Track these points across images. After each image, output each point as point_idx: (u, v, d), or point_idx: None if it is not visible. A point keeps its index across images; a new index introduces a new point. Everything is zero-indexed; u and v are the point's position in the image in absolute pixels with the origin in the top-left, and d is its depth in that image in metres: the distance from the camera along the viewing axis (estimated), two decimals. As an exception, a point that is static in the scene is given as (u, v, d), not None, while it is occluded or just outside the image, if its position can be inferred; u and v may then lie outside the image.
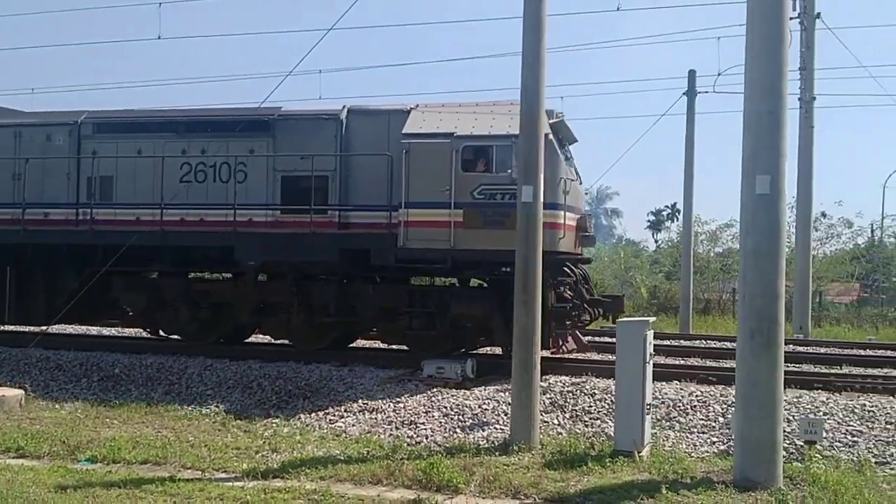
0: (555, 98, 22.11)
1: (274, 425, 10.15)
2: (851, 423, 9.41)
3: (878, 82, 42.84)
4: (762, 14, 7.37)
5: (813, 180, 20.82)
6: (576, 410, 10.27)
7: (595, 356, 14.04)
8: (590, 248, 14.91)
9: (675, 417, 9.66)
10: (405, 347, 13.37)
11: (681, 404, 10.15)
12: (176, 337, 14.40)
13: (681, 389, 10.71)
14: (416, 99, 13.75)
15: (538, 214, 8.95)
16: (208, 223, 13.44)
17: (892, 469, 8.25)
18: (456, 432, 9.63)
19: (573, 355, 13.22)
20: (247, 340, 15.04)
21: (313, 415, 10.56)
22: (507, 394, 10.02)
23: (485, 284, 13.17)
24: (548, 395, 10.51)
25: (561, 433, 9.54)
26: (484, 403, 10.39)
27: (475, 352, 13.34)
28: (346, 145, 13.14)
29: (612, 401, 9.68)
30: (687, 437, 9.21)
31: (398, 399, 10.70)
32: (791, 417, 9.14)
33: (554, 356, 12.65)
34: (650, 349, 8.68)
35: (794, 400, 10.00)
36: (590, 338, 15.33)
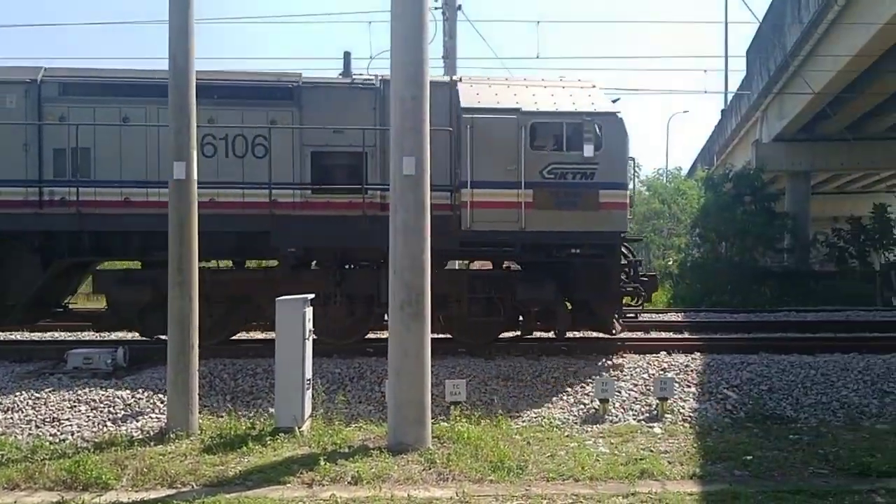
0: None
1: None
2: (490, 382, 10.40)
3: (510, 73, 47.36)
4: (404, 5, 7.76)
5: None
6: (237, 392, 10.16)
7: (259, 335, 13.99)
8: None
9: (335, 391, 9.93)
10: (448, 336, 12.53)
11: (341, 377, 10.49)
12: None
13: (342, 362, 11.06)
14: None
15: (192, 193, 8.61)
16: (225, 204, 11.41)
17: (522, 421, 9.27)
18: (107, 426, 9.00)
19: (236, 336, 13.02)
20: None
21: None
22: (164, 381, 9.59)
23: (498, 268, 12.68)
24: (207, 379, 10.25)
25: (222, 416, 9.37)
26: (138, 393, 9.84)
27: (127, 340, 12.58)
28: (383, 119, 11.47)
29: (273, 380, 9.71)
30: (347, 409, 9.52)
31: (38, 395, 9.73)
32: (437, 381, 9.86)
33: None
34: (310, 326, 8.83)
35: (438, 363, 10.79)
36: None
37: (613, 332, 12.45)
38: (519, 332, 12.85)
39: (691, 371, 10.87)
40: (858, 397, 10.08)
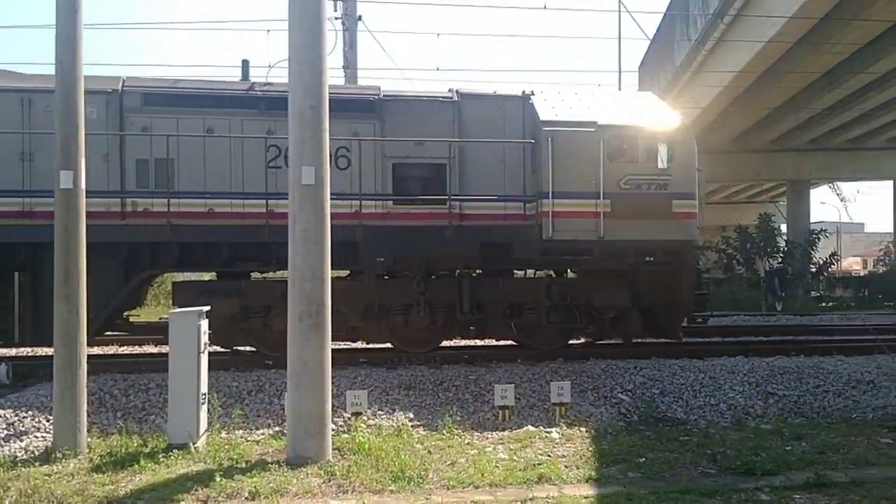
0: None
1: None
2: (392, 392, 10.39)
3: (411, 83, 47.69)
4: (302, 13, 7.70)
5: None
6: (129, 408, 9.80)
7: (152, 349, 13.58)
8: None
9: (232, 404, 9.71)
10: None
11: (238, 391, 10.28)
12: (250, 349, 12.23)
13: (239, 376, 10.83)
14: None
15: (80, 204, 8.28)
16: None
17: (424, 430, 9.29)
18: (-13, 446, 8.55)
19: (125, 350, 12.61)
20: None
21: None
22: (50, 398, 9.17)
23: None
24: (96, 396, 9.86)
25: (113, 434, 9.02)
26: (22, 411, 9.37)
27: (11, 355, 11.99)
28: (461, 131, 12.14)
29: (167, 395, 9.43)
30: (245, 423, 9.33)
31: (-90, 417, 9.16)
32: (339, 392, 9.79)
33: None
34: (205, 339, 8.62)
35: (339, 374, 10.73)
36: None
37: (676, 339, 13.06)
38: (586, 339, 13.47)
39: (587, 376, 11.14)
40: (744, 399, 10.54)
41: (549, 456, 8.13)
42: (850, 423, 9.82)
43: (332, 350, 8.09)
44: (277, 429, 9.14)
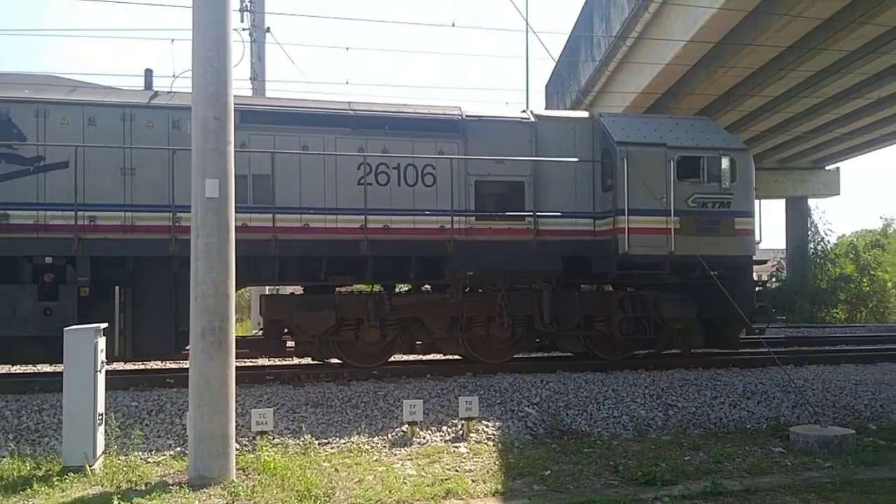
0: None
1: None
2: (299, 410, 10.24)
3: (322, 97, 47.32)
4: (207, 22, 7.56)
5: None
6: (21, 430, 9.34)
7: (47, 367, 12.98)
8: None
9: (132, 425, 9.38)
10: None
11: (137, 411, 9.94)
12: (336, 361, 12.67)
13: (139, 395, 10.49)
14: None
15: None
16: (397, 230, 12.12)
17: (331, 448, 9.18)
18: None
19: (17, 369, 12.04)
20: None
21: None
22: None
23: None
24: (-16, 418, 9.39)
25: (4, 457, 8.58)
26: None
27: None
28: (537, 150, 12.83)
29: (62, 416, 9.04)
30: (145, 444, 9.03)
31: None
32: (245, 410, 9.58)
33: None
34: (102, 357, 8.30)
35: (245, 392, 10.51)
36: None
37: (736, 349, 14.08)
38: (649, 349, 13.99)
39: (495, 391, 11.23)
40: (645, 410, 10.82)
41: (457, 471, 8.16)
42: (745, 433, 10.20)
43: (238, 367, 7.92)
44: (179, 449, 8.87)
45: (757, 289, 14.03)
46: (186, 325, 7.90)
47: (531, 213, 12.65)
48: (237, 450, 8.08)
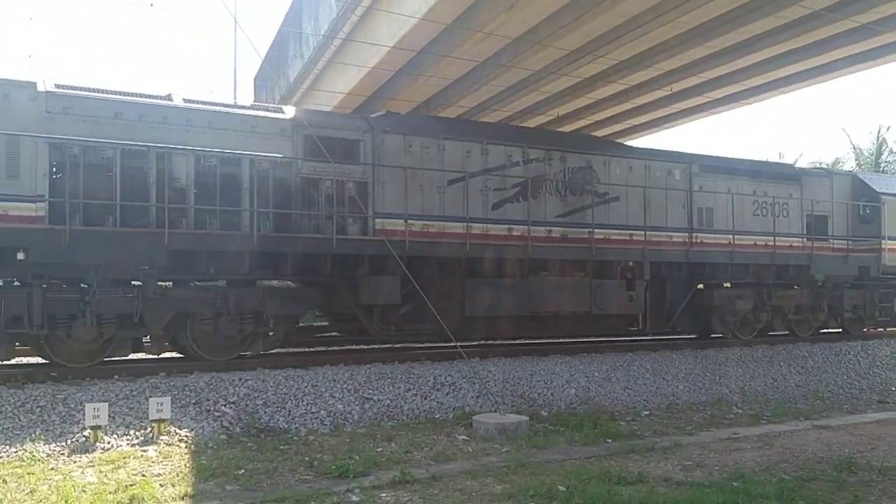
0: None
1: None
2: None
3: None
4: None
5: None
6: None
7: None
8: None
9: None
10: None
11: None
12: None
13: None
14: None
15: None
16: (749, 245, 17.93)
17: (1, 458, 8.33)
18: None
19: None
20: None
21: None
22: None
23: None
24: None
25: None
26: None
27: None
28: (833, 195, 19.68)
29: None
30: None
31: None
32: None
33: None
34: None
35: None
36: None
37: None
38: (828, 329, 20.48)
39: (190, 390, 10.82)
40: (343, 405, 11.08)
41: (145, 476, 7.79)
42: (434, 423, 10.84)
43: None
44: None
45: None
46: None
47: (847, 237, 19.45)
48: None
